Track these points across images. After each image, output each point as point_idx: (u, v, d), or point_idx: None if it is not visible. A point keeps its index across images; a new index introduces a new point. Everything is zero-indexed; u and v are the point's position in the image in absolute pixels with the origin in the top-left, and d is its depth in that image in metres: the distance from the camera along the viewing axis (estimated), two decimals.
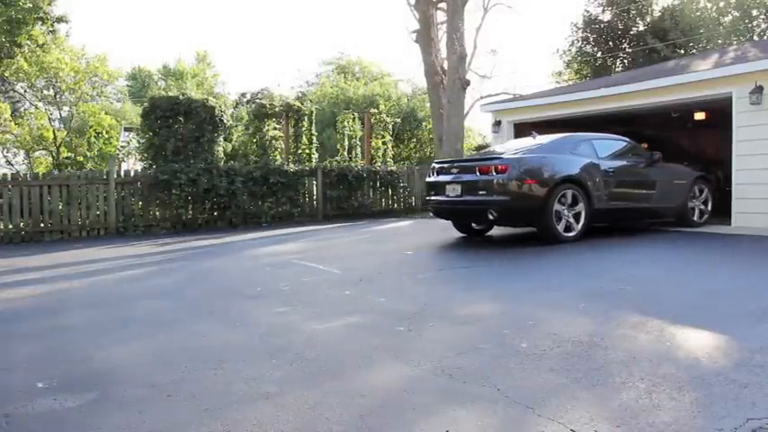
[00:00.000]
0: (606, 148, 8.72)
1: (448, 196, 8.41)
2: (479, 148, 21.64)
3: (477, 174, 7.98)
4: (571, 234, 7.97)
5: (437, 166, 8.96)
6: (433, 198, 8.85)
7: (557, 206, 7.83)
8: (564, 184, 7.90)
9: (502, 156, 8.13)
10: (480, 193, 7.90)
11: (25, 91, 19.28)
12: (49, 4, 16.60)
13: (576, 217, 8.03)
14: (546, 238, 7.95)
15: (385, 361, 3.58)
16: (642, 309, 4.46)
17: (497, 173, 7.73)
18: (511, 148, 8.78)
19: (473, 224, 9.22)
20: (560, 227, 7.91)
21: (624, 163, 8.76)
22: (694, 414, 2.70)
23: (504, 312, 4.59)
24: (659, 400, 2.84)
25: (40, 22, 16.61)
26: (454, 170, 8.48)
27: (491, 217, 7.85)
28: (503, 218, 7.99)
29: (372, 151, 19.30)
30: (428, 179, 9.10)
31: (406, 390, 3.12)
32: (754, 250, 7.42)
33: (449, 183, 8.40)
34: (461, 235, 9.41)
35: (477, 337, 3.98)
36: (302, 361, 3.62)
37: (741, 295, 4.98)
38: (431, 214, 10.03)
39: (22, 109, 19.80)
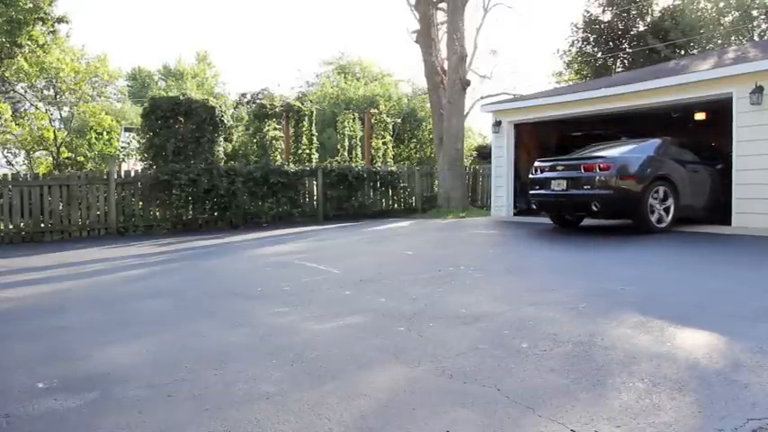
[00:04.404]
0: (692, 151, 9.58)
1: (553, 190, 9.21)
2: (479, 148, 21.62)
3: (582, 171, 8.78)
4: (661, 225, 8.70)
5: (542, 164, 9.67)
6: (537, 192, 9.63)
7: (650, 200, 8.60)
8: (657, 181, 8.67)
9: (604, 155, 8.94)
10: (585, 187, 8.71)
11: (25, 91, 19.24)
12: (50, 5, 16.57)
13: (666, 210, 8.78)
14: (641, 229, 8.67)
15: (385, 361, 3.58)
16: (643, 309, 4.45)
17: (600, 170, 8.54)
18: (609, 150, 9.40)
19: (567, 217, 10.08)
20: (653, 219, 8.63)
21: (704, 164, 9.53)
22: (694, 414, 2.70)
23: (504, 312, 4.59)
24: (659, 400, 2.84)
25: (40, 23, 16.57)
26: (559, 167, 9.25)
27: (594, 208, 8.68)
28: (604, 210, 8.73)
29: (372, 151, 19.31)
30: (532, 176, 9.83)
31: (407, 390, 3.12)
32: (755, 250, 7.42)
33: (554, 178, 9.19)
34: (460, 234, 9.44)
35: (477, 337, 3.98)
36: (302, 361, 3.62)
37: (742, 295, 4.97)
38: (533, 207, 10.61)
39: (22, 109, 19.74)
